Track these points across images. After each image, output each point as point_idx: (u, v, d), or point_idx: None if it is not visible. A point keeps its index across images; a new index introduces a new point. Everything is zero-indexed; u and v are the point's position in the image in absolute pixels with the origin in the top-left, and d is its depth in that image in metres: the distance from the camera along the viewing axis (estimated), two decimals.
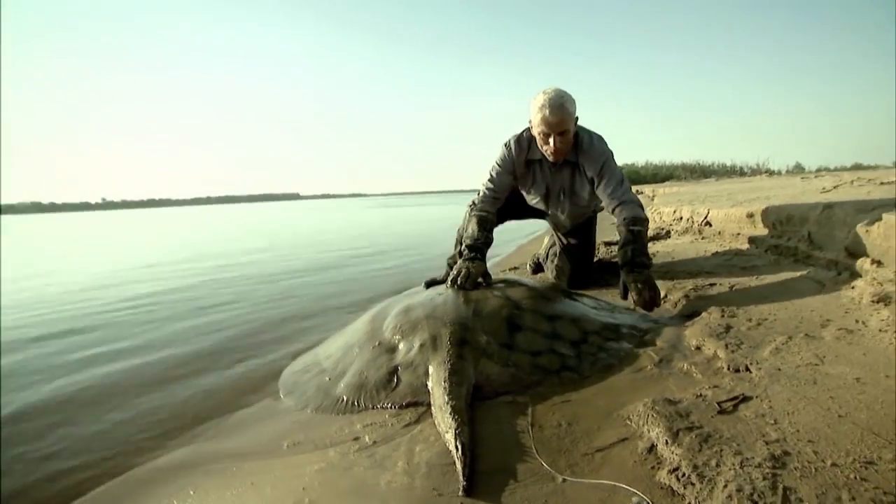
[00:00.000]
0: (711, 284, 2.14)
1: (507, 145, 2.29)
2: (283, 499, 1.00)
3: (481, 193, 2.30)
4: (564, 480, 0.92)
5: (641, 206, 2.14)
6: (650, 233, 3.76)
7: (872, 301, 1.60)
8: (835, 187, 3.26)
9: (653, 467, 0.93)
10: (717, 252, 2.79)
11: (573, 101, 2.07)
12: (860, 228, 1.85)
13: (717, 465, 0.87)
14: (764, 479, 0.81)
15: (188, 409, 1.66)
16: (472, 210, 2.29)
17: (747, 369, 1.27)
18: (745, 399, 1.11)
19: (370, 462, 1.10)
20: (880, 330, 1.39)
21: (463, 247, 2.11)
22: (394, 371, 1.51)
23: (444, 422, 1.16)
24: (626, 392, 1.28)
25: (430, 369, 1.43)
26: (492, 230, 2.22)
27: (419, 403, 1.37)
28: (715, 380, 1.25)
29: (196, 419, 1.57)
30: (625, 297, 2.00)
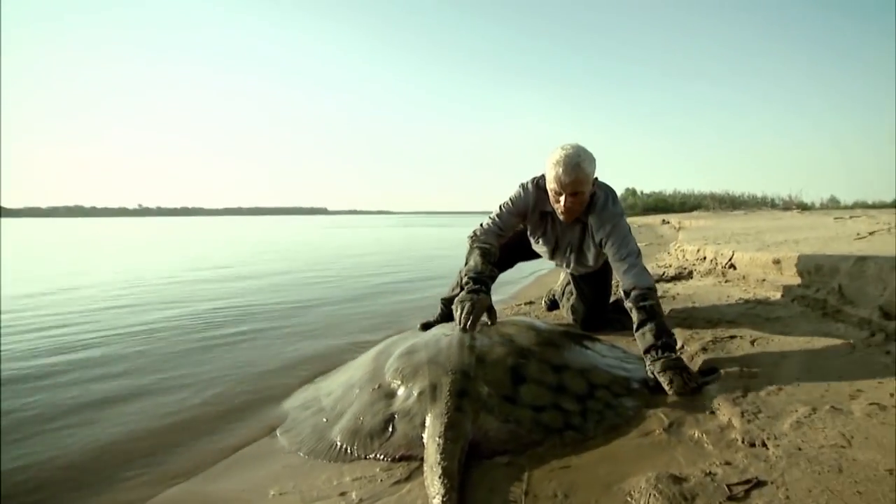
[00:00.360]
0: (732, 337, 2.04)
1: (524, 187, 2.18)
2: None
3: (485, 225, 2.18)
4: None
5: (648, 273, 1.97)
6: (672, 272, 3.65)
7: None
8: (870, 234, 3.11)
9: None
10: (740, 298, 2.67)
11: (592, 161, 1.95)
12: None
13: None
14: None
15: (183, 440, 1.63)
16: (473, 242, 2.15)
17: (764, 444, 1.18)
18: (759, 484, 1.02)
19: None
20: None
21: (464, 279, 1.97)
22: (390, 419, 1.46)
23: (432, 485, 1.11)
24: (630, 461, 1.20)
25: (427, 421, 1.38)
26: (496, 264, 2.10)
27: (413, 458, 1.31)
28: (727, 454, 1.16)
29: (192, 457, 1.54)
30: (654, 385, 1.64)
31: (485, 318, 1.90)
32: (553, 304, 3.01)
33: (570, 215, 2.03)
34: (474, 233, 2.18)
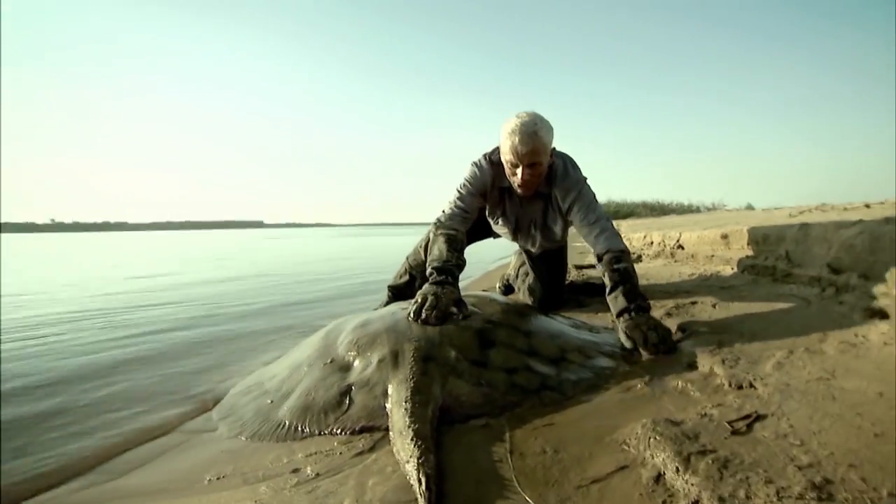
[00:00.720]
0: (693, 302, 2.03)
1: (477, 165, 2.00)
2: None
3: (449, 211, 1.97)
4: None
5: (619, 237, 1.90)
6: None
7: (866, 316, 1.50)
8: (800, 213, 3.29)
9: (664, 501, 0.74)
10: (692, 274, 2.71)
11: (550, 130, 1.79)
12: (844, 242, 1.78)
13: (748, 498, 0.69)
14: None
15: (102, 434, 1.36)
16: (437, 228, 1.93)
17: (752, 385, 1.12)
18: (760, 417, 0.94)
19: (310, 499, 0.86)
20: (885, 343, 1.27)
21: (428, 270, 1.74)
22: (346, 391, 1.29)
23: (404, 449, 0.95)
24: (618, 413, 1.10)
25: (390, 389, 1.22)
26: (463, 251, 1.88)
27: (375, 428, 1.15)
28: (717, 398, 1.09)
29: (107, 451, 1.28)
30: (629, 348, 1.54)
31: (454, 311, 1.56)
32: (508, 289, 2.92)
33: (527, 189, 1.89)
34: (438, 219, 1.96)
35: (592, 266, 3.39)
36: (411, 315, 1.48)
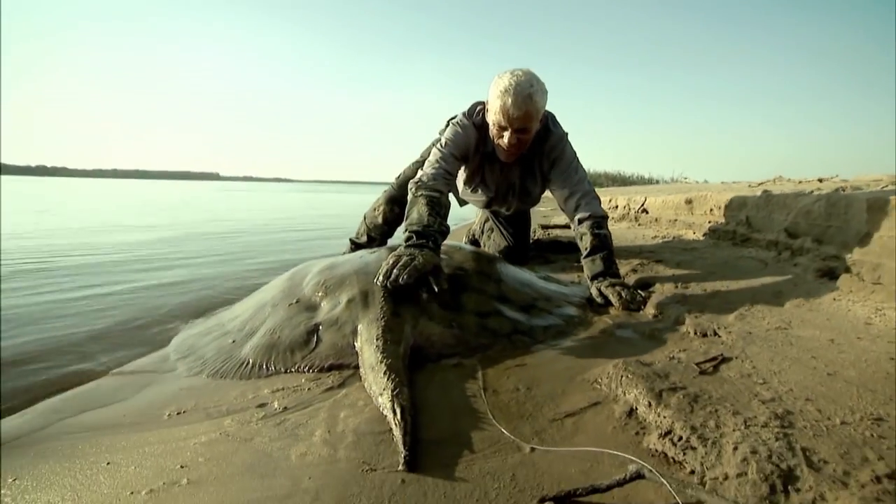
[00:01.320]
0: (658, 261, 2.08)
1: (460, 124, 1.79)
2: (149, 481, 0.72)
3: (431, 170, 1.71)
4: (533, 450, 0.73)
5: (600, 202, 1.82)
6: None
7: (818, 276, 1.58)
8: (760, 184, 3.41)
9: (637, 433, 0.76)
10: (655, 236, 2.78)
11: (545, 93, 1.62)
12: (802, 209, 1.86)
13: (718, 427, 0.71)
14: (776, 439, 0.66)
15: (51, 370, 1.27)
16: (416, 189, 1.65)
17: (715, 333, 1.16)
18: (725, 360, 0.98)
19: (278, 432, 0.84)
20: (834, 299, 1.35)
21: (405, 233, 1.50)
22: (314, 330, 1.25)
23: (376, 383, 0.93)
24: (588, 356, 1.12)
25: (360, 327, 1.19)
26: (447, 217, 1.63)
27: (344, 366, 1.12)
28: (684, 343, 1.13)
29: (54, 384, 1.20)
30: (603, 303, 1.54)
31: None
32: (474, 244, 2.90)
33: (511, 155, 1.75)
34: (419, 179, 1.70)
35: (559, 226, 3.43)
36: (380, 278, 1.27)
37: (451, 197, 2.19)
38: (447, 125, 2.04)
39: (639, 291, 1.53)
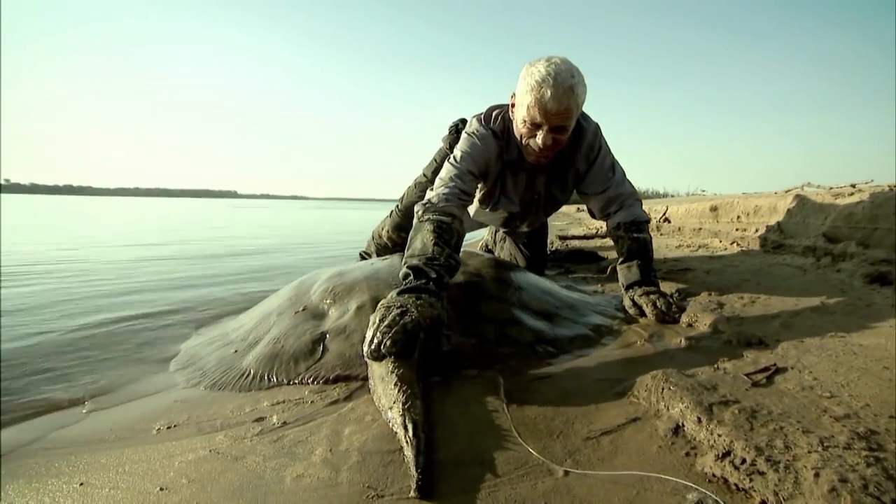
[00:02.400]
0: (685, 269, 1.96)
1: (477, 135, 1.52)
2: None
3: (444, 190, 1.41)
4: (567, 473, 0.62)
5: (642, 204, 1.65)
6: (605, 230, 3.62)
7: (867, 282, 1.45)
8: (787, 191, 3.27)
9: (687, 454, 0.65)
10: (679, 245, 2.65)
11: (585, 86, 1.38)
12: (843, 211, 1.73)
13: (788, 448, 0.60)
14: (868, 464, 0.55)
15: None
16: (424, 212, 1.36)
17: (762, 343, 1.04)
18: (780, 370, 0.86)
19: (274, 449, 0.74)
20: (892, 305, 1.22)
21: (403, 269, 1.18)
22: (320, 339, 1.16)
23: (386, 395, 0.83)
24: (620, 367, 1.01)
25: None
26: (459, 248, 1.32)
27: (352, 378, 1.02)
28: (727, 353, 1.01)
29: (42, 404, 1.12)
30: (636, 314, 1.42)
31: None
32: (489, 253, 2.77)
33: (543, 157, 1.48)
34: (428, 200, 1.40)
35: (577, 237, 3.31)
36: (364, 347, 0.96)
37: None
38: (451, 132, 1.91)
39: (675, 300, 1.40)
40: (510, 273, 1.55)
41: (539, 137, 1.39)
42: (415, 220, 1.37)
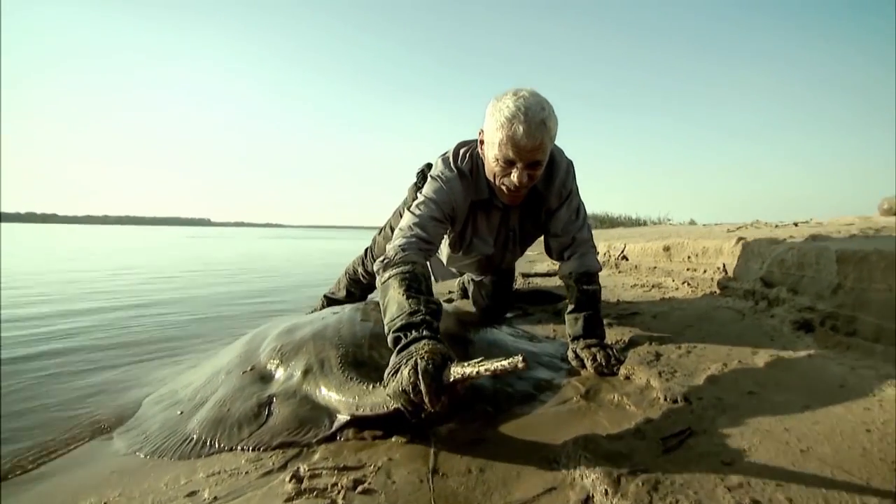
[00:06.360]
0: (633, 314, 2.04)
1: (443, 178, 1.48)
2: None
3: (400, 241, 1.36)
4: None
5: (597, 254, 1.66)
6: None
7: (794, 328, 1.54)
8: (738, 229, 3.44)
9: None
10: (634, 284, 2.75)
11: (556, 118, 1.34)
12: (776, 258, 1.84)
13: None
14: None
15: None
16: (385, 268, 1.29)
17: (686, 399, 1.10)
18: (692, 433, 0.92)
19: None
20: (810, 356, 1.30)
21: (391, 334, 1.11)
22: (266, 403, 1.17)
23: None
24: (551, 428, 1.05)
25: (326, 393, 1.14)
26: (431, 290, 1.28)
27: (295, 444, 1.04)
28: (652, 412, 1.06)
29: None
30: (578, 365, 1.45)
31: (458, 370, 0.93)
32: (465, 293, 2.64)
33: (517, 196, 1.46)
34: (385, 257, 1.32)
35: (540, 274, 3.40)
36: (402, 406, 0.96)
37: (433, 270, 2.00)
38: (418, 179, 1.84)
39: (614, 353, 1.45)
40: (460, 326, 1.59)
41: (514, 175, 1.35)
42: (377, 282, 1.31)
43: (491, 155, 1.38)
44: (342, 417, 1.10)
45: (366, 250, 2.30)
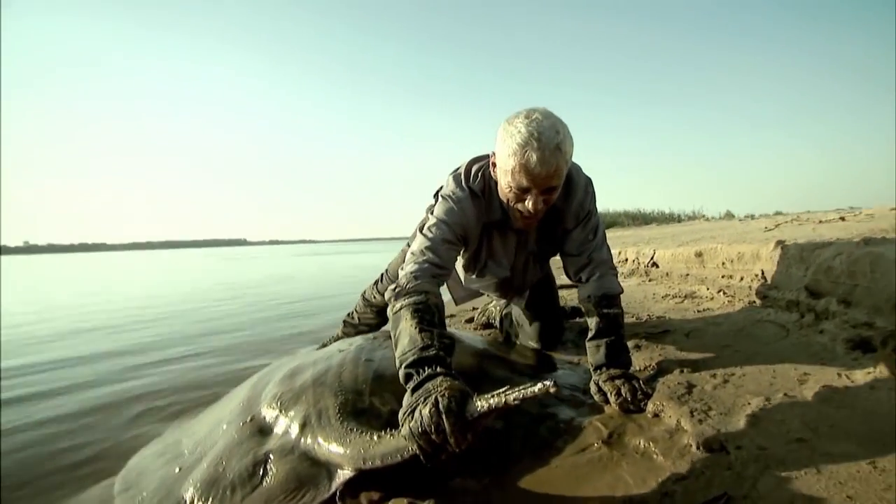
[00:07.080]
0: (664, 332, 1.88)
1: (454, 198, 1.42)
2: None
3: (412, 267, 1.30)
4: None
5: (616, 273, 1.56)
6: None
7: (848, 348, 1.37)
8: (776, 226, 3.19)
9: None
10: (666, 295, 2.57)
11: (572, 140, 1.27)
12: (822, 264, 1.66)
13: None
14: None
15: None
16: (396, 297, 1.25)
17: (723, 448, 0.96)
18: (729, 500, 0.79)
19: None
20: (872, 387, 1.13)
21: (403, 370, 1.06)
22: (263, 461, 1.10)
23: None
24: (566, 485, 0.94)
25: (325, 445, 1.06)
26: (444, 324, 1.24)
27: None
28: (682, 464, 0.93)
29: None
30: (602, 400, 1.32)
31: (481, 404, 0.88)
32: (489, 325, 2.42)
33: (532, 221, 1.41)
34: (397, 285, 1.28)
35: (564, 286, 3.24)
36: (420, 448, 0.91)
37: (451, 291, 1.85)
38: (436, 200, 1.67)
39: (640, 385, 1.31)
40: (471, 359, 1.50)
41: (529, 203, 1.29)
42: (389, 311, 1.26)
43: (504, 181, 1.31)
44: (344, 473, 1.02)
45: (381, 277, 2.23)
